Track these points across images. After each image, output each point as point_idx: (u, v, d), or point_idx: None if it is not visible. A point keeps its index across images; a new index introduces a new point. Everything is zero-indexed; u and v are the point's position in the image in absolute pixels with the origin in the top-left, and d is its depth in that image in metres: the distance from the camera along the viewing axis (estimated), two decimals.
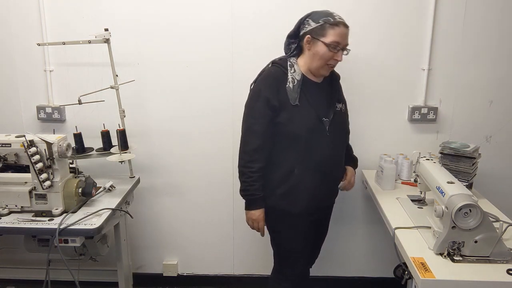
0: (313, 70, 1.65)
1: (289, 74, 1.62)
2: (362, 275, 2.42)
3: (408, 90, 2.14)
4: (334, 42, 1.58)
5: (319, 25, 1.58)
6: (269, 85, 1.62)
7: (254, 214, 1.69)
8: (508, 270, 1.29)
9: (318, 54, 1.60)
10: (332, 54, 1.59)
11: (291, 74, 1.62)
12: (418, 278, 1.27)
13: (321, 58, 1.60)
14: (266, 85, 1.62)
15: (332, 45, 1.58)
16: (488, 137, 2.18)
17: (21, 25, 2.11)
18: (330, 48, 1.58)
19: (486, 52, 2.08)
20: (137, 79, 2.11)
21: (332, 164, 1.70)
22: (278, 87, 1.61)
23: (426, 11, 2.03)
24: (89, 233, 1.59)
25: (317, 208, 1.74)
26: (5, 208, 1.70)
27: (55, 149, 1.64)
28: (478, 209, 1.31)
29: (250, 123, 1.64)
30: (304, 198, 1.67)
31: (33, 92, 2.19)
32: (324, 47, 1.58)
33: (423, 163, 1.69)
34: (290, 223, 1.73)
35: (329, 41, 1.57)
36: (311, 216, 1.73)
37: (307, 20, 1.62)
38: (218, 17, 2.08)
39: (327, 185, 1.74)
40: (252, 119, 1.64)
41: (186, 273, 2.46)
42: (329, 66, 1.64)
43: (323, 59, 1.60)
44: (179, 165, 2.27)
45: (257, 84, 1.67)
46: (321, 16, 1.59)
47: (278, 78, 1.62)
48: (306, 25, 1.62)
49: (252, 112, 1.64)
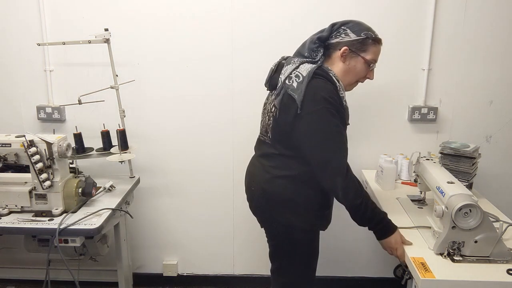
0: (343, 85, 1.49)
1: (342, 91, 1.46)
2: (362, 275, 2.42)
3: (408, 90, 2.14)
4: (374, 60, 1.50)
5: (361, 38, 1.46)
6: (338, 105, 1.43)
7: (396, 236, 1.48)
8: (508, 270, 1.29)
9: (355, 69, 1.49)
10: (367, 73, 1.52)
11: (342, 91, 1.47)
12: (418, 278, 1.27)
13: (357, 74, 1.50)
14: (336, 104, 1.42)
15: (371, 63, 1.49)
16: (488, 137, 2.19)
17: (21, 25, 2.11)
18: (369, 67, 1.50)
19: (486, 52, 2.08)
20: (137, 79, 2.11)
21: None
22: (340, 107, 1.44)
23: (426, 11, 2.03)
24: (89, 233, 1.59)
25: None
26: (5, 208, 1.70)
27: (55, 149, 1.64)
28: (478, 209, 1.31)
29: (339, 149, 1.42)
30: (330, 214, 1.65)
31: (33, 92, 2.19)
32: (363, 64, 1.48)
33: (423, 163, 1.69)
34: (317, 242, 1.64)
35: (369, 58, 1.48)
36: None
37: (343, 29, 1.47)
38: (218, 17, 2.08)
39: None
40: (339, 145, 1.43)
41: (186, 273, 2.46)
42: (357, 83, 1.56)
43: (358, 75, 1.51)
44: (179, 165, 2.27)
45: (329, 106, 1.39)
46: (363, 29, 1.47)
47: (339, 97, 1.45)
48: (343, 35, 1.47)
49: (342, 146, 1.44)
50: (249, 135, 1.93)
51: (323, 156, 1.41)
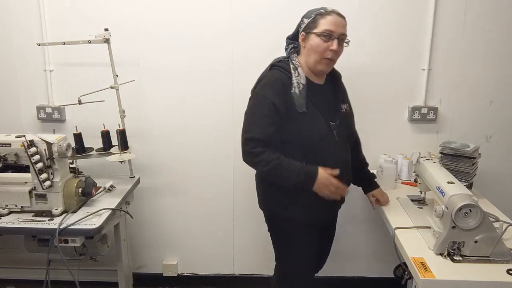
0: (312, 67, 1.56)
1: (294, 78, 1.53)
2: (362, 275, 2.42)
3: (408, 90, 2.14)
4: (326, 31, 1.51)
5: (311, 19, 1.54)
6: (276, 91, 1.50)
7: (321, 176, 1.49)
8: (508, 270, 1.29)
9: (312, 47, 1.53)
10: (327, 45, 1.51)
11: (296, 78, 1.53)
12: (418, 278, 1.27)
13: (316, 51, 1.53)
14: (273, 91, 1.50)
15: (324, 34, 1.51)
16: (488, 137, 2.18)
17: (21, 25, 2.11)
18: (323, 38, 1.51)
19: (486, 52, 2.08)
20: (137, 79, 2.11)
21: (343, 170, 1.57)
22: (284, 94, 1.50)
23: (426, 11, 2.03)
24: (89, 233, 1.59)
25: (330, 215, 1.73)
26: (5, 208, 1.70)
27: (55, 149, 1.64)
28: (478, 209, 1.31)
29: (254, 132, 1.49)
30: (322, 208, 1.60)
31: (33, 92, 2.19)
32: (317, 38, 1.52)
33: (423, 163, 1.69)
34: (306, 235, 1.64)
35: (320, 31, 1.51)
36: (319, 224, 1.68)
37: (301, 19, 1.59)
38: (219, 16, 2.08)
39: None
40: (256, 128, 1.49)
41: (186, 273, 2.46)
42: (327, 59, 1.54)
43: (318, 51, 1.52)
44: (179, 165, 2.27)
45: (260, 90, 1.53)
46: (314, 11, 1.55)
47: (284, 84, 1.52)
48: (302, 25, 1.58)
49: (256, 120, 1.51)
50: None
51: (243, 130, 1.54)
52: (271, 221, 1.72)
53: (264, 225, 1.90)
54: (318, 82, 1.62)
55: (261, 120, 1.49)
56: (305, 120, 1.52)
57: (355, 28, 2.05)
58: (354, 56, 2.08)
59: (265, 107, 1.49)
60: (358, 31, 2.06)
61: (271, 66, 1.60)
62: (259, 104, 1.51)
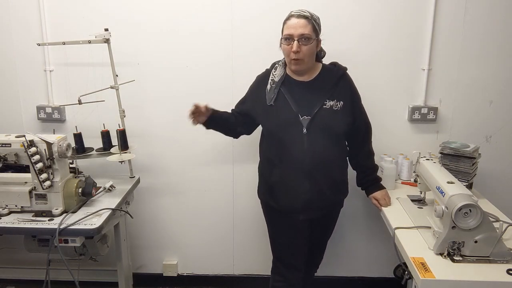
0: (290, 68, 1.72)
1: (272, 75, 1.75)
2: (362, 275, 2.42)
3: (408, 90, 2.14)
4: (286, 35, 1.64)
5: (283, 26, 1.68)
6: (256, 84, 1.81)
7: None
8: (508, 270, 1.29)
9: (283, 51, 1.69)
10: (289, 48, 1.63)
11: (272, 76, 1.74)
12: (418, 278, 1.27)
13: (285, 55, 1.69)
14: (254, 83, 1.83)
15: (285, 38, 1.64)
16: (488, 137, 2.18)
17: (21, 25, 2.11)
18: (285, 42, 1.65)
19: (486, 52, 2.08)
20: (137, 79, 2.11)
21: (314, 163, 1.65)
22: (260, 89, 1.75)
23: (426, 11, 2.03)
24: (89, 233, 1.60)
25: (307, 208, 1.71)
26: (5, 208, 1.70)
27: (55, 149, 1.64)
28: (478, 209, 1.31)
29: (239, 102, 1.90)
30: (286, 195, 1.72)
31: (33, 92, 2.19)
32: (282, 43, 1.67)
33: (423, 163, 1.69)
34: (276, 219, 1.81)
35: (283, 36, 1.66)
36: (299, 215, 1.72)
37: None
38: (219, 16, 2.08)
39: (316, 186, 1.68)
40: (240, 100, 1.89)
41: (186, 273, 2.46)
42: (293, 60, 1.65)
43: (286, 54, 1.68)
44: (179, 165, 2.27)
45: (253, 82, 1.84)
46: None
47: (259, 81, 1.80)
48: None
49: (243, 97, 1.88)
50: (249, 136, 1.94)
51: None
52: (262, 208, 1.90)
53: (264, 225, 1.91)
54: (300, 79, 1.73)
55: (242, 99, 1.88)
56: (272, 112, 1.70)
57: (355, 28, 2.06)
58: (354, 56, 2.08)
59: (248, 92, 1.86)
60: (358, 31, 2.06)
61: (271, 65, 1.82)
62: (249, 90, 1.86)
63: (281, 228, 1.81)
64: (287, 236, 1.80)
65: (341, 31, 2.06)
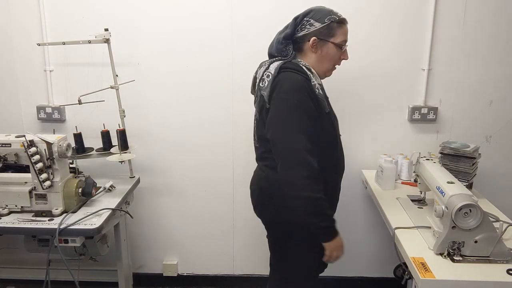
0: (320, 73, 1.52)
1: (314, 79, 1.45)
2: (362, 275, 2.42)
3: (408, 90, 2.14)
4: (344, 42, 1.52)
5: (326, 25, 1.47)
6: (307, 94, 1.40)
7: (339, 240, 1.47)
8: (508, 270, 1.29)
9: (329, 56, 1.50)
10: (340, 54, 1.53)
11: (315, 80, 1.46)
12: (418, 278, 1.27)
13: (331, 60, 1.52)
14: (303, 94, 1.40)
15: (342, 45, 1.51)
16: (488, 137, 2.18)
17: (21, 25, 2.11)
18: (340, 48, 1.51)
19: (486, 52, 2.08)
20: (137, 79, 2.11)
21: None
22: (313, 95, 1.43)
23: (426, 11, 2.03)
24: (89, 233, 1.59)
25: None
26: (5, 208, 1.70)
27: (55, 149, 1.64)
28: (478, 209, 1.31)
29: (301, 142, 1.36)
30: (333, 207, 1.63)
31: (33, 92, 2.19)
32: (335, 48, 1.50)
33: (423, 163, 1.69)
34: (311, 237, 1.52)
35: (339, 41, 1.50)
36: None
37: (307, 20, 1.49)
38: (219, 16, 2.08)
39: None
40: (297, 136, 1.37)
41: (186, 273, 2.46)
42: (335, 67, 1.57)
43: (333, 60, 1.53)
44: (179, 165, 2.27)
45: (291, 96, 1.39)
46: (326, 15, 1.48)
47: (309, 85, 1.44)
48: (308, 26, 1.48)
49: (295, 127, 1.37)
50: (249, 136, 1.92)
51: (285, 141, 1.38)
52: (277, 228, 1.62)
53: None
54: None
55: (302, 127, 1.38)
56: (329, 121, 1.50)
57: (355, 29, 2.05)
58: (353, 56, 2.08)
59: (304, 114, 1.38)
60: (358, 31, 2.06)
61: (280, 68, 1.45)
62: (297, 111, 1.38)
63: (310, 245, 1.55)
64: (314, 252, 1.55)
65: None
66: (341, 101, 2.11)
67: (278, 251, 1.66)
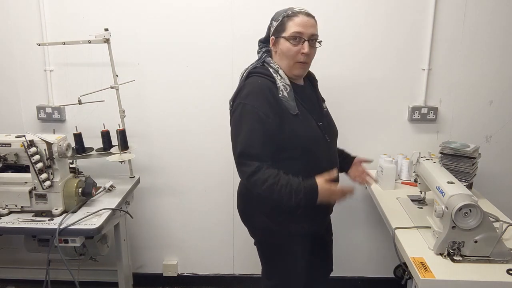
0: (287, 72, 1.48)
1: (278, 81, 1.44)
2: (362, 275, 2.42)
3: (408, 90, 2.14)
4: (294, 33, 1.42)
5: (279, 22, 1.46)
6: (264, 98, 1.39)
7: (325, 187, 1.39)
8: (508, 270, 1.29)
9: (283, 52, 1.46)
10: (297, 49, 1.43)
11: (280, 81, 1.44)
12: (418, 278, 1.27)
13: (287, 56, 1.45)
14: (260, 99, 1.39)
15: (293, 37, 1.43)
16: (488, 137, 2.18)
17: (21, 25, 2.11)
18: (292, 42, 1.43)
19: (486, 52, 2.08)
20: (137, 79, 2.11)
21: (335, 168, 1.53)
22: (273, 99, 1.41)
23: (426, 11, 2.03)
24: (89, 233, 1.60)
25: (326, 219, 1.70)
26: (5, 208, 1.70)
27: (55, 149, 1.64)
28: (478, 209, 1.31)
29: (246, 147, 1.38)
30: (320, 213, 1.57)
31: (33, 92, 2.19)
32: (286, 42, 1.44)
33: (423, 163, 1.69)
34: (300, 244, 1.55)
35: (289, 34, 1.43)
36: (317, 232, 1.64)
37: (270, 22, 1.52)
38: (219, 16, 2.08)
39: None
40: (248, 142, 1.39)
41: (186, 273, 2.46)
42: (300, 63, 1.46)
43: (289, 56, 1.45)
44: (179, 165, 2.27)
45: (245, 100, 1.41)
46: (281, 13, 1.47)
47: (270, 89, 1.42)
48: (270, 27, 1.51)
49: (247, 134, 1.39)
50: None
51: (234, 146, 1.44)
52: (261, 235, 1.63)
53: None
54: (299, 83, 1.55)
55: (252, 133, 1.38)
56: (298, 123, 1.44)
57: (355, 28, 2.06)
58: (353, 56, 2.08)
59: (254, 118, 1.38)
60: (358, 31, 2.06)
61: (248, 73, 1.49)
62: (248, 115, 1.39)
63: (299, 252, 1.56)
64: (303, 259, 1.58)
65: (341, 31, 2.06)
66: (341, 101, 2.11)
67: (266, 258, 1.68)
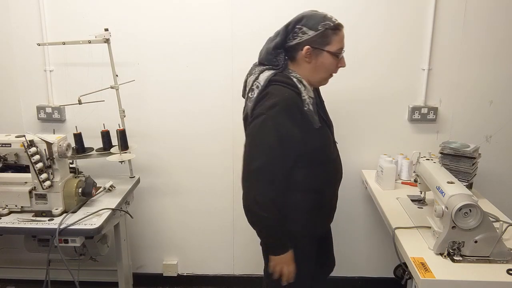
0: (315, 83, 1.44)
1: (303, 93, 1.37)
2: (362, 275, 2.42)
3: (408, 90, 2.14)
4: (339, 49, 1.40)
5: (320, 32, 1.35)
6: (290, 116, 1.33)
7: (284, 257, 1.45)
8: (508, 270, 1.29)
9: (324, 65, 1.39)
10: (337, 62, 1.42)
11: (305, 92, 1.37)
12: (418, 278, 1.27)
13: (328, 70, 1.41)
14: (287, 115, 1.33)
15: (338, 53, 1.40)
16: (488, 137, 2.18)
17: (21, 25, 2.11)
18: (336, 57, 1.40)
19: (486, 52, 2.08)
20: (137, 79, 2.11)
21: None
22: (300, 114, 1.35)
23: (426, 11, 2.03)
24: (89, 233, 1.60)
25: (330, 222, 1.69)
26: (5, 208, 1.70)
27: (55, 149, 1.64)
28: (478, 209, 1.31)
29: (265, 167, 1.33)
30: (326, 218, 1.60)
31: (33, 92, 2.19)
32: (331, 57, 1.38)
33: (423, 163, 1.69)
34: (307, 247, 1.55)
35: (335, 50, 1.38)
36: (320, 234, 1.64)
37: (299, 28, 1.38)
38: (219, 16, 2.07)
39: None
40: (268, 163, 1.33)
41: (186, 273, 2.46)
42: (331, 76, 1.47)
43: (329, 69, 1.42)
44: (179, 165, 2.27)
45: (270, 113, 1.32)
46: (319, 22, 1.36)
47: (297, 103, 1.35)
48: (300, 34, 1.37)
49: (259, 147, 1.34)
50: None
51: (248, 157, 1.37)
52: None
53: None
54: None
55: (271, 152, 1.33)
56: (320, 136, 1.42)
57: (355, 28, 2.06)
58: (354, 56, 2.08)
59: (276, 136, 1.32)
60: (358, 31, 2.06)
61: (271, 82, 1.38)
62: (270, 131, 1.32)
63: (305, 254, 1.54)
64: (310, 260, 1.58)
65: None
66: (341, 101, 2.11)
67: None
